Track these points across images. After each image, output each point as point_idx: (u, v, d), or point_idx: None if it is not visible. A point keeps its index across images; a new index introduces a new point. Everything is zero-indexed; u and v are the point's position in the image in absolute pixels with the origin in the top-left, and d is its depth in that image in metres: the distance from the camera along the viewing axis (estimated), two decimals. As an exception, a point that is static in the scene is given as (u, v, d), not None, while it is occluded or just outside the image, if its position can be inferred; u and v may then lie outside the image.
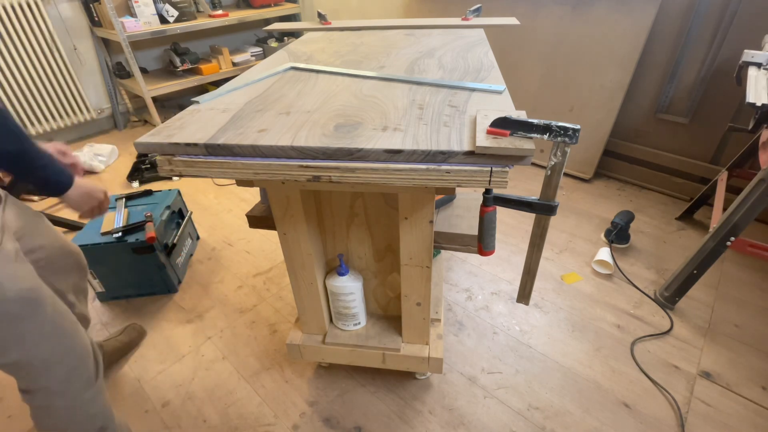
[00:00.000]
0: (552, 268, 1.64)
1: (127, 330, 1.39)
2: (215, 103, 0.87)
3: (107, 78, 2.96)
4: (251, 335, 1.42)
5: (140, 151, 0.72)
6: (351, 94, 0.89)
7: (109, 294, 1.58)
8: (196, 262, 1.78)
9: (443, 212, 1.06)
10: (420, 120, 0.75)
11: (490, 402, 1.18)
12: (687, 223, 1.87)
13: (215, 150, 0.70)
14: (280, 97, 0.89)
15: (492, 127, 0.65)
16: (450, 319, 1.44)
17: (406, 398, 1.20)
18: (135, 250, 1.47)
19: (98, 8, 2.64)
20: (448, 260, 1.71)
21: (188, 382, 1.28)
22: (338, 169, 0.67)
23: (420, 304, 1.01)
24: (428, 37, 1.36)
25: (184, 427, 1.16)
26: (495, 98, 0.83)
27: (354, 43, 1.32)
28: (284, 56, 1.21)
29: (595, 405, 1.16)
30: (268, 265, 1.74)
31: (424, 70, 1.02)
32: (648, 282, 1.55)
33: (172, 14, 2.75)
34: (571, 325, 1.40)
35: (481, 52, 1.15)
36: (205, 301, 1.57)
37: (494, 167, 0.63)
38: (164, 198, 1.70)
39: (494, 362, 1.29)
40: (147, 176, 2.40)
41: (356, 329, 1.14)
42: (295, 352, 1.15)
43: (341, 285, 1.05)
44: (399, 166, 0.66)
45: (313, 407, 1.19)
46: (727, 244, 1.27)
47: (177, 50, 2.97)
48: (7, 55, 2.45)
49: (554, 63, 2.18)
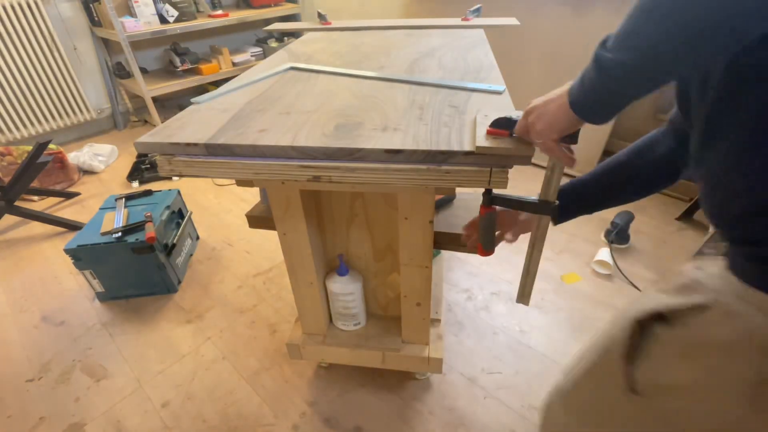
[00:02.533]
0: (552, 269, 1.64)
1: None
2: (215, 103, 0.87)
3: (107, 78, 2.96)
4: (251, 335, 1.42)
5: (140, 151, 0.72)
6: (351, 94, 0.89)
7: (109, 294, 1.58)
8: (196, 262, 1.78)
9: (443, 212, 1.06)
10: (420, 120, 0.75)
11: (490, 402, 1.18)
12: (687, 223, 1.87)
13: (215, 150, 0.70)
14: (280, 97, 0.89)
15: (492, 127, 0.65)
16: (450, 319, 1.44)
17: (406, 398, 1.19)
18: (135, 250, 1.47)
19: (98, 8, 2.64)
20: (448, 260, 1.71)
21: (188, 382, 1.28)
22: (338, 169, 0.67)
23: (420, 304, 1.01)
24: (428, 37, 1.36)
25: (184, 427, 1.16)
26: (495, 98, 0.83)
27: (354, 44, 1.32)
28: (284, 56, 1.21)
29: (595, 405, 1.16)
30: (268, 265, 1.74)
31: (424, 71, 1.02)
32: (648, 282, 1.55)
33: (172, 14, 2.75)
34: (571, 325, 1.40)
35: (481, 53, 1.15)
36: (205, 301, 1.57)
37: (494, 167, 0.63)
38: (164, 198, 1.70)
39: (494, 362, 1.29)
40: (147, 176, 2.40)
41: (356, 329, 1.14)
42: (295, 352, 1.14)
43: (341, 285, 1.05)
44: (399, 166, 0.66)
45: (313, 407, 1.19)
46: (726, 244, 1.27)
47: (177, 50, 2.97)
48: (7, 55, 2.45)
49: (554, 63, 2.18)
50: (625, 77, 0.44)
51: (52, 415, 1.21)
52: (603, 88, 0.46)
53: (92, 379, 1.31)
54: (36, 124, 2.68)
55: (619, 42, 0.43)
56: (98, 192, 2.35)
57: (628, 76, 0.43)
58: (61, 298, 1.63)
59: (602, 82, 0.46)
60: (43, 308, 1.58)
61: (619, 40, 0.43)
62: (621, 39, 0.42)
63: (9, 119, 2.57)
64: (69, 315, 1.55)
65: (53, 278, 1.73)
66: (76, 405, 1.23)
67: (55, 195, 2.29)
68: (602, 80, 0.45)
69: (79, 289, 1.66)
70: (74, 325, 1.50)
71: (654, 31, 0.39)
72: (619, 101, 0.47)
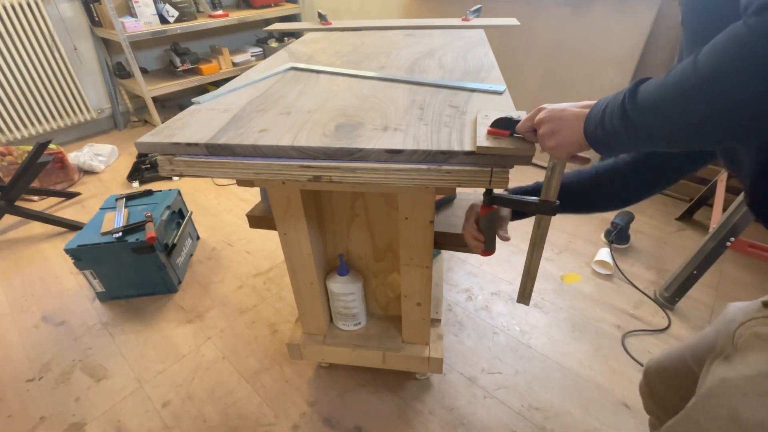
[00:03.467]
0: (552, 269, 1.64)
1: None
2: (216, 103, 0.87)
3: (107, 78, 2.96)
4: (251, 335, 1.42)
5: (141, 150, 0.72)
6: (351, 94, 0.89)
7: (109, 294, 1.58)
8: (196, 262, 1.78)
9: (443, 212, 1.06)
10: (420, 120, 0.75)
11: (490, 402, 1.18)
12: (687, 224, 1.87)
13: (216, 150, 0.70)
14: (280, 97, 0.89)
15: (492, 127, 0.65)
16: (450, 319, 1.44)
17: (406, 398, 1.20)
18: (135, 250, 1.47)
19: (98, 8, 2.64)
20: (448, 260, 1.71)
21: (188, 382, 1.28)
22: (339, 169, 0.67)
23: (420, 304, 1.01)
24: (428, 37, 1.37)
25: (184, 427, 1.16)
26: (495, 98, 0.83)
27: (354, 44, 1.32)
28: (285, 56, 1.21)
29: (595, 405, 1.16)
30: (268, 265, 1.74)
31: (425, 71, 1.02)
32: (648, 282, 1.56)
33: (172, 14, 2.75)
34: (571, 325, 1.40)
35: (482, 53, 1.15)
36: (205, 301, 1.57)
37: (495, 167, 0.63)
38: (164, 198, 1.70)
39: (494, 362, 1.29)
40: (147, 176, 2.40)
41: (356, 329, 1.14)
42: (296, 352, 1.15)
43: (341, 285, 1.05)
44: (399, 166, 0.66)
45: (313, 407, 1.19)
46: (726, 244, 1.27)
47: (177, 50, 2.97)
48: (7, 55, 2.45)
49: (554, 64, 2.18)
50: (652, 139, 0.44)
51: (52, 415, 1.21)
52: (624, 136, 0.46)
53: (92, 379, 1.31)
54: (36, 124, 2.68)
55: (655, 104, 0.42)
56: (98, 192, 2.35)
57: (655, 138, 0.44)
58: (62, 298, 1.63)
59: (626, 133, 0.46)
60: (44, 308, 1.58)
61: (657, 103, 0.42)
62: (659, 104, 0.42)
63: (9, 119, 2.57)
64: (69, 315, 1.55)
65: (53, 278, 1.73)
66: (77, 405, 1.23)
67: (55, 195, 2.29)
68: (626, 131, 0.45)
69: (80, 289, 1.66)
70: (74, 325, 1.50)
71: (701, 111, 0.38)
72: (632, 149, 0.48)
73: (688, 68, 0.39)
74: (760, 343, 0.48)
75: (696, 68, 0.38)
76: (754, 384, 0.45)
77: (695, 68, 0.38)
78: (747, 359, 0.48)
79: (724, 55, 0.35)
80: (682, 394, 0.72)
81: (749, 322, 0.51)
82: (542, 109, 0.57)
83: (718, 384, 0.50)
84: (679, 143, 0.43)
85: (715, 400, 0.49)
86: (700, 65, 0.38)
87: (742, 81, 0.35)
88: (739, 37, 0.34)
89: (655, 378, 0.78)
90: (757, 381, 0.45)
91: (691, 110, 0.39)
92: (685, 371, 0.71)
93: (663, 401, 0.77)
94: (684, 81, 0.39)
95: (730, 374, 0.49)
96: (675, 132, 0.41)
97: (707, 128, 0.39)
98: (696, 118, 0.39)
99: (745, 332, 0.51)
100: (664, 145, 0.45)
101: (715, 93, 0.37)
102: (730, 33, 0.35)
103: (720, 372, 0.51)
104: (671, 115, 0.41)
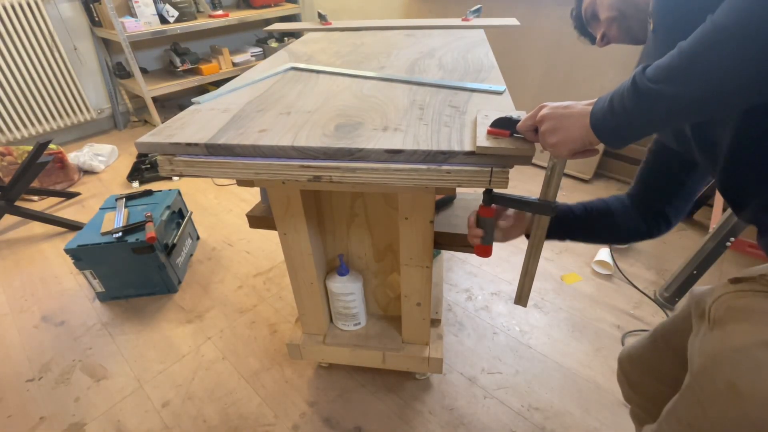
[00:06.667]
0: (552, 269, 1.64)
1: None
2: (216, 103, 0.87)
3: (107, 78, 2.96)
4: (251, 335, 1.42)
5: (141, 150, 0.72)
6: (351, 94, 0.89)
7: (109, 294, 1.58)
8: (196, 262, 1.78)
9: (443, 212, 1.06)
10: (420, 120, 0.75)
11: (490, 402, 1.18)
12: (687, 224, 1.87)
13: (216, 150, 0.70)
14: (280, 97, 0.89)
15: (492, 127, 0.65)
16: (450, 319, 1.44)
17: (406, 398, 1.20)
18: (135, 250, 1.47)
19: (98, 8, 2.64)
20: (448, 260, 1.71)
21: (188, 382, 1.28)
22: (339, 169, 0.67)
23: (420, 304, 1.01)
24: (428, 37, 1.37)
25: (184, 427, 1.16)
26: (495, 99, 0.83)
27: (354, 44, 1.32)
28: (285, 56, 1.21)
29: (595, 405, 1.16)
30: (268, 265, 1.74)
31: (425, 71, 1.02)
32: (648, 282, 1.56)
33: (172, 14, 2.75)
34: (571, 325, 1.40)
35: (482, 53, 1.15)
36: (205, 301, 1.57)
37: (495, 167, 0.63)
38: (164, 198, 1.70)
39: (494, 362, 1.29)
40: (147, 176, 2.40)
41: (356, 329, 1.15)
42: (296, 352, 1.15)
43: (341, 285, 1.05)
44: (399, 166, 0.66)
45: (313, 407, 1.19)
46: (726, 244, 1.27)
47: (177, 50, 2.97)
48: (7, 55, 2.45)
49: (554, 63, 2.18)
50: (668, 111, 0.43)
51: (52, 415, 1.21)
52: (637, 117, 0.46)
53: (92, 379, 1.31)
54: (36, 124, 2.68)
55: (670, 71, 0.42)
56: (98, 192, 2.35)
57: (672, 108, 0.43)
58: (61, 298, 1.63)
59: (639, 111, 0.45)
60: (43, 308, 1.58)
61: (671, 71, 0.42)
62: (674, 70, 0.42)
63: (9, 119, 2.57)
64: (69, 315, 1.55)
65: (53, 278, 1.73)
66: (76, 405, 1.23)
67: (55, 195, 2.29)
68: (640, 108, 0.45)
69: (80, 289, 1.66)
70: (74, 325, 1.50)
71: (720, 67, 0.38)
72: (648, 130, 0.48)
73: (705, 29, 0.39)
74: (736, 314, 0.50)
75: (715, 26, 0.38)
76: (745, 355, 0.46)
77: (714, 26, 0.38)
78: (729, 331, 0.49)
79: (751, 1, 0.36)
80: (656, 376, 0.74)
81: (721, 297, 0.53)
82: (544, 106, 0.57)
83: (710, 360, 0.51)
84: (694, 109, 0.42)
85: (710, 376, 0.50)
86: (718, 21, 0.38)
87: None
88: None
89: (629, 365, 0.81)
90: (746, 352, 0.46)
91: (714, 62, 0.39)
92: (657, 354, 0.73)
93: (640, 387, 0.79)
94: (703, 39, 0.39)
95: (718, 347, 0.50)
96: (694, 93, 0.41)
97: (732, 82, 0.38)
98: (719, 70, 0.39)
99: (720, 307, 0.52)
100: (677, 116, 0.44)
101: (746, 37, 0.36)
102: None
103: (707, 348, 0.52)
104: (690, 74, 0.41)
